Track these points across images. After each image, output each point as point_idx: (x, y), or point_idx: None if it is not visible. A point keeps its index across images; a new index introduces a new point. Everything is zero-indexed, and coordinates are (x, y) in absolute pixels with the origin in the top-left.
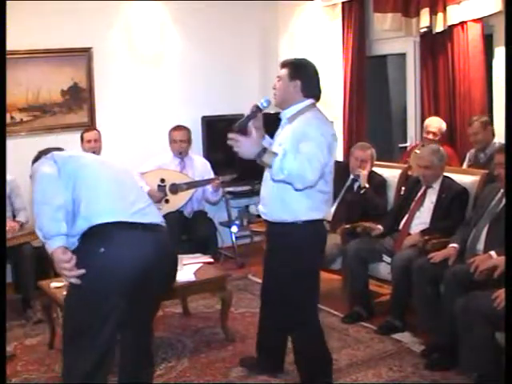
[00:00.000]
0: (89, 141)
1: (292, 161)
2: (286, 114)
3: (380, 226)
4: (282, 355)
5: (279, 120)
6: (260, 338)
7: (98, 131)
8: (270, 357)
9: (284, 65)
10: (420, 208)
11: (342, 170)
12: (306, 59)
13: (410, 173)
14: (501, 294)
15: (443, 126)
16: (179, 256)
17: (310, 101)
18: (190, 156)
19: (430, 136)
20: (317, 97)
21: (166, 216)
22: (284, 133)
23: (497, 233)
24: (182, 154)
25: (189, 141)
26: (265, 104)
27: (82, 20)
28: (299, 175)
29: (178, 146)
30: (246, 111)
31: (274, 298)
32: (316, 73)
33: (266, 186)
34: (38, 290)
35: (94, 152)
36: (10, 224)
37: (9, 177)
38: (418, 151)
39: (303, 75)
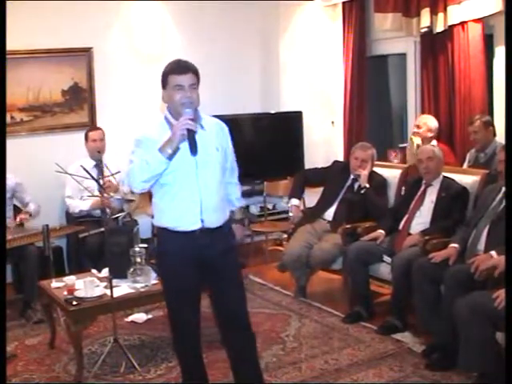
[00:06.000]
0: (94, 140)
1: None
2: (200, 120)
3: (381, 231)
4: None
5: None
6: None
7: (103, 130)
8: None
9: (191, 70)
10: (420, 208)
11: (342, 170)
12: None
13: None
14: (501, 293)
15: (430, 121)
16: None
17: None
18: None
19: (415, 129)
20: None
21: None
22: (209, 138)
23: (497, 233)
24: None
25: None
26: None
27: (83, 20)
28: None
29: None
30: (247, 111)
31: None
32: None
33: (206, 193)
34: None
35: (98, 152)
36: (20, 216)
37: (11, 176)
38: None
39: None
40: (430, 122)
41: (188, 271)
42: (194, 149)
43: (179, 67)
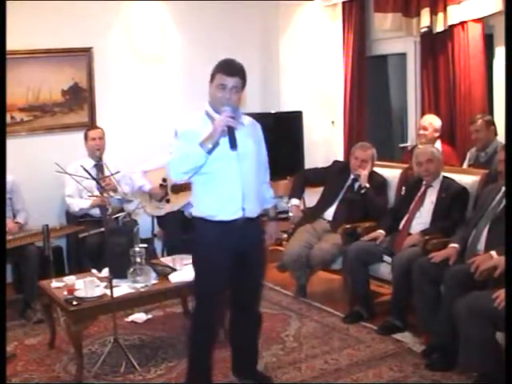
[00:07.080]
0: (93, 139)
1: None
2: (240, 117)
3: (381, 231)
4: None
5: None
6: None
7: (102, 129)
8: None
9: (238, 74)
10: (420, 208)
11: (342, 170)
12: None
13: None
14: (501, 294)
15: (435, 121)
16: (180, 256)
17: None
18: None
19: (421, 131)
20: None
21: (166, 216)
22: (247, 134)
23: (497, 233)
24: None
25: None
26: None
27: (82, 20)
28: None
29: None
30: (247, 111)
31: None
32: None
33: (247, 183)
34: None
35: (98, 150)
36: (9, 225)
37: (9, 177)
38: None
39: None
40: (435, 122)
41: (224, 262)
42: (233, 144)
43: (228, 68)
